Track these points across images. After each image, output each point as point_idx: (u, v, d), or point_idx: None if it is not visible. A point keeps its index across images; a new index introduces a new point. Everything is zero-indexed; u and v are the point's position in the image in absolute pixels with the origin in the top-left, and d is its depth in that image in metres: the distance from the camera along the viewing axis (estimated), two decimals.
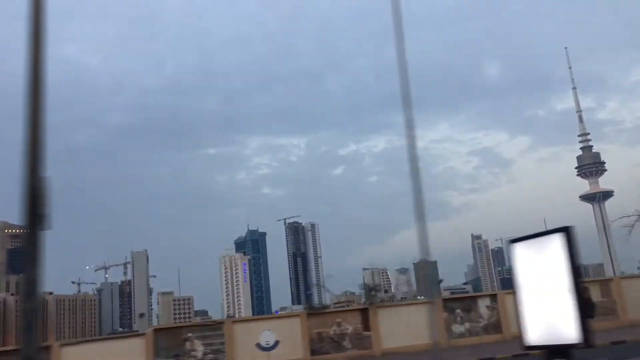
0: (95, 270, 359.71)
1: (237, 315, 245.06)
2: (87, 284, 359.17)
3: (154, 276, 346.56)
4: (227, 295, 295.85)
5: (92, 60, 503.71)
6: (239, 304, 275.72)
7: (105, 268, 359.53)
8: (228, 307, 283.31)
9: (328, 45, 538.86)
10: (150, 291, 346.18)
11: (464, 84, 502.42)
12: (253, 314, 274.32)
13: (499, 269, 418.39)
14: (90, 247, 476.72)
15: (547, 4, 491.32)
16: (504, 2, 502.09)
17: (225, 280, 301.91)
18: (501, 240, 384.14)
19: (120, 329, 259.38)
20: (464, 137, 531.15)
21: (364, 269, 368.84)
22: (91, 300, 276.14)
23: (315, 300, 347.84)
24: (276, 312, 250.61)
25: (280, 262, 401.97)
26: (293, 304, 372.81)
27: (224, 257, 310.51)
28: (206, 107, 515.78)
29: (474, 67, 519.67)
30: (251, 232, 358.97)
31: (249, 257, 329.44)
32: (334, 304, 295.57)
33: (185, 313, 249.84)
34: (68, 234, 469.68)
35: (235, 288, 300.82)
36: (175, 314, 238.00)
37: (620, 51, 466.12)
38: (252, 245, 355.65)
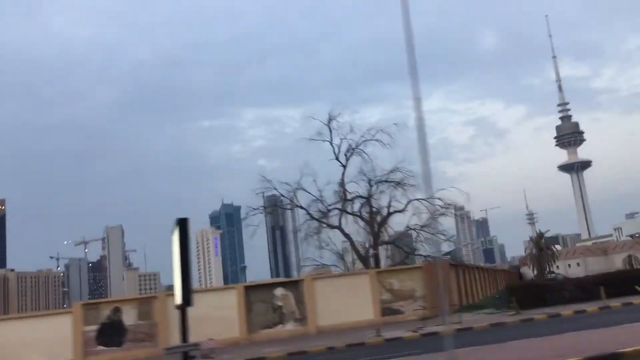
0: (75, 245, 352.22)
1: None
2: (66, 259, 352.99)
3: (134, 251, 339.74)
4: (199, 270, 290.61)
5: (82, 33, 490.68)
6: (210, 278, 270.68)
7: (85, 243, 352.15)
8: (200, 281, 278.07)
9: (320, 17, 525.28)
10: (129, 265, 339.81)
11: (459, 53, 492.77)
12: None
13: (482, 239, 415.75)
14: (73, 221, 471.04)
15: None
16: None
17: (197, 255, 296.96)
18: (485, 211, 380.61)
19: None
20: (459, 106, 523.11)
21: (343, 241, 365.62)
22: (54, 276, 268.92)
23: (295, 273, 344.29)
24: None
25: (259, 236, 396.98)
26: (271, 276, 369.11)
27: (198, 231, 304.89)
28: (199, 80, 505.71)
29: (469, 36, 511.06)
30: (225, 206, 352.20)
31: (220, 231, 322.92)
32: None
33: (151, 288, 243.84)
34: (48, 210, 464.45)
35: (207, 262, 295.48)
36: (141, 289, 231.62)
37: (616, 18, 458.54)
38: (227, 219, 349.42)
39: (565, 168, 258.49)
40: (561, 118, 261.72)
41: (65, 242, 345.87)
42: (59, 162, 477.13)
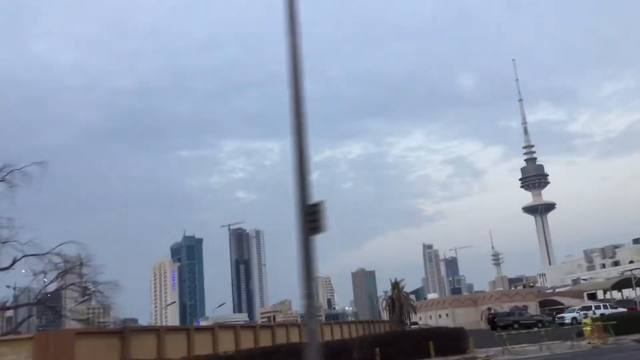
0: (34, 274, 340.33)
1: (163, 323, 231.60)
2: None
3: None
4: (155, 303, 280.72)
5: (62, 58, 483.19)
6: (166, 313, 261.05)
7: (44, 272, 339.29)
8: (155, 315, 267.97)
9: (303, 48, 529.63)
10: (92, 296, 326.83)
11: (439, 94, 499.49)
12: (180, 322, 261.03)
13: (450, 278, 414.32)
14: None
15: (520, 18, 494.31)
16: (476, 15, 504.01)
17: (155, 287, 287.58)
18: (455, 250, 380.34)
19: None
20: (438, 145, 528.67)
21: None
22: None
23: (256, 308, 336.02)
24: (197, 322, 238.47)
25: (224, 269, 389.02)
26: (234, 312, 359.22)
27: (155, 263, 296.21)
28: (179, 110, 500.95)
29: (448, 78, 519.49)
30: (187, 239, 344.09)
31: (178, 264, 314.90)
32: (260, 314, 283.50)
33: (99, 322, 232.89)
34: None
35: (163, 295, 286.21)
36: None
37: (591, 66, 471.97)
38: (187, 252, 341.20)
39: (529, 210, 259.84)
40: (526, 160, 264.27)
41: (23, 271, 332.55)
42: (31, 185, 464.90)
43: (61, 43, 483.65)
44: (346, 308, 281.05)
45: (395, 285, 63.45)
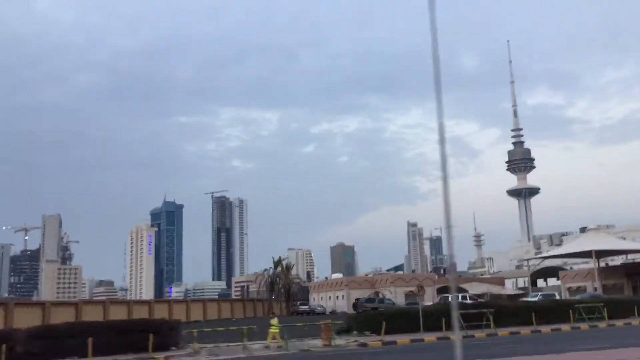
0: (15, 231, 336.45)
1: (138, 287, 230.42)
2: (5, 245, 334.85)
3: (77, 242, 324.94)
4: (131, 266, 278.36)
5: (65, 16, 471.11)
6: (141, 275, 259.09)
7: (25, 230, 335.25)
8: (131, 280, 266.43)
9: (307, 21, 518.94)
10: (69, 257, 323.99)
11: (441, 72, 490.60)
12: (155, 287, 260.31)
13: (433, 257, 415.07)
14: (23, 206, 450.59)
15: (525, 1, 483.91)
16: None
17: (131, 251, 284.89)
18: (440, 229, 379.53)
19: (10, 296, 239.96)
20: (436, 124, 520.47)
21: (289, 249, 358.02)
22: None
23: (237, 275, 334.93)
24: (170, 288, 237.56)
25: (205, 237, 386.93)
26: (214, 279, 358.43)
27: (134, 227, 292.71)
28: (179, 75, 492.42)
29: (450, 56, 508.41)
30: (167, 204, 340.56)
31: (156, 229, 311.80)
32: (235, 282, 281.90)
33: (70, 283, 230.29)
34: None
35: (139, 260, 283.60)
36: (59, 283, 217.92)
37: (594, 52, 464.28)
38: (167, 217, 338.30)
39: (513, 193, 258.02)
40: (514, 143, 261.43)
41: (4, 228, 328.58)
42: (27, 144, 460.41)
43: (64, 1, 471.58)
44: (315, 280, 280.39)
45: (278, 263, 59.41)
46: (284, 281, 53.40)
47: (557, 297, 54.00)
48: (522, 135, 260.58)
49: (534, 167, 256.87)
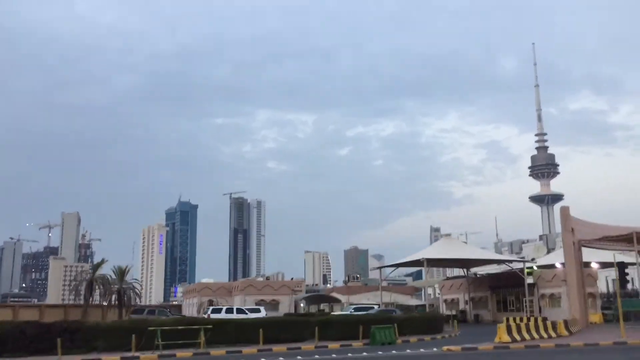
0: (39, 228, 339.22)
1: (148, 286, 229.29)
2: (28, 241, 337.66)
3: (99, 240, 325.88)
4: (142, 266, 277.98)
5: (104, 18, 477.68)
6: (151, 276, 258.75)
7: (49, 227, 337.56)
8: (141, 278, 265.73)
9: (343, 24, 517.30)
10: (90, 255, 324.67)
11: (479, 75, 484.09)
12: (165, 286, 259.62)
13: None
14: (54, 204, 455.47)
15: (567, 3, 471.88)
16: None
17: (143, 250, 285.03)
18: (465, 234, 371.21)
19: (20, 292, 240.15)
20: (473, 128, 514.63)
21: (306, 252, 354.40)
22: None
23: (253, 276, 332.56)
24: (175, 288, 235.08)
25: (220, 237, 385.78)
26: (229, 279, 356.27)
27: (146, 226, 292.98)
28: (216, 76, 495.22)
29: (489, 59, 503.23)
30: (182, 204, 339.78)
31: (167, 228, 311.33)
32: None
33: (75, 281, 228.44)
34: (32, 188, 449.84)
35: (150, 259, 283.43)
36: (65, 280, 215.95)
37: (638, 55, 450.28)
38: (181, 217, 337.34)
39: (536, 200, 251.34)
40: (537, 149, 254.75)
41: (28, 224, 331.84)
42: (63, 144, 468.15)
43: (103, 2, 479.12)
44: (328, 285, 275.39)
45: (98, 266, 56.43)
46: (103, 286, 50.45)
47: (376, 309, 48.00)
48: (546, 140, 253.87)
49: (558, 173, 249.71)
